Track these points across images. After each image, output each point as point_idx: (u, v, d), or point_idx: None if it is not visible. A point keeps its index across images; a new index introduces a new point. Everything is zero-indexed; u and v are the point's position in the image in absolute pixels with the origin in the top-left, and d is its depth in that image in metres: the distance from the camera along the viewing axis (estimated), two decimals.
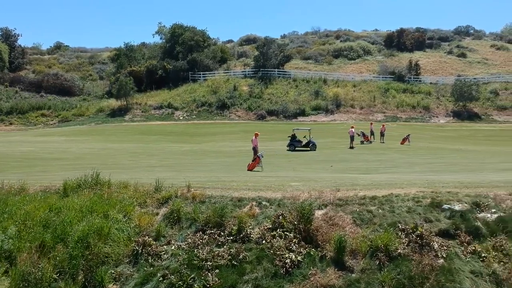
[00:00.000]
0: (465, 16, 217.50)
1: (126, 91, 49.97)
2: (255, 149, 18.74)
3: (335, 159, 22.89)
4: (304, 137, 28.68)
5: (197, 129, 43.80)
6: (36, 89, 58.44)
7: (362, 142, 31.53)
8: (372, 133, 33.45)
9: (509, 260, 7.61)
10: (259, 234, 7.90)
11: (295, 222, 7.88)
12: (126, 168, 17.92)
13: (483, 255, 7.72)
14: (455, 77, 57.85)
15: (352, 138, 29.01)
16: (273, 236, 7.82)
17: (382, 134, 32.84)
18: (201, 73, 57.65)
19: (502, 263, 7.59)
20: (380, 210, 8.81)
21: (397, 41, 69.37)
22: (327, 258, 7.50)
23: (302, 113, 50.18)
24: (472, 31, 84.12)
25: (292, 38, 78.71)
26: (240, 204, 9.22)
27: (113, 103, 52.44)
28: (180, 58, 58.64)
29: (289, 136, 28.61)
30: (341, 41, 73.12)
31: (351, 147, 28.76)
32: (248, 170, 16.96)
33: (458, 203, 9.03)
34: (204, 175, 14.57)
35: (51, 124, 50.19)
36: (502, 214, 8.81)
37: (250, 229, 8.07)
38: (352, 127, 29.77)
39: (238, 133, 42.36)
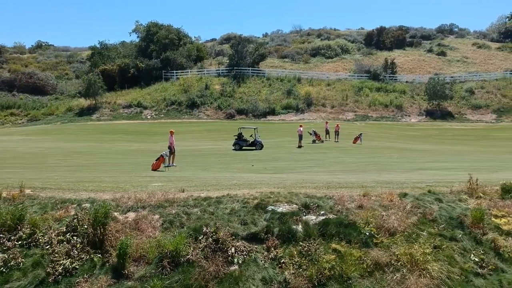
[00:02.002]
0: (451, 14, 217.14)
1: (95, 90, 49.53)
2: (170, 148, 18.30)
3: (268, 158, 22.36)
4: (251, 135, 28.15)
5: (161, 128, 43.17)
6: (8, 88, 58.13)
7: (314, 141, 30.97)
8: (327, 132, 32.99)
9: (309, 266, 7.09)
10: (47, 238, 7.39)
11: (85, 226, 7.38)
12: (35, 168, 17.44)
13: (282, 261, 7.19)
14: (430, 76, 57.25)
15: (300, 137, 28.47)
16: (60, 241, 7.31)
17: (336, 133, 32.33)
18: (174, 71, 57.13)
19: (301, 269, 7.05)
20: (199, 213, 8.28)
21: (376, 40, 68.79)
22: (108, 265, 6.99)
23: (272, 112, 49.61)
24: (456, 29, 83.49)
25: (273, 37, 78.20)
26: (62, 206, 8.71)
27: (83, 102, 52.01)
28: (154, 56, 58.14)
29: (235, 136, 28.06)
30: (321, 39, 72.54)
31: (299, 146, 28.22)
32: (152, 170, 16.44)
33: (286, 204, 8.50)
34: (92, 175, 14.10)
35: (19, 123, 49.78)
36: (331, 216, 8.30)
37: (42, 233, 7.55)
38: (301, 126, 29.22)
39: (201, 132, 42.02)
